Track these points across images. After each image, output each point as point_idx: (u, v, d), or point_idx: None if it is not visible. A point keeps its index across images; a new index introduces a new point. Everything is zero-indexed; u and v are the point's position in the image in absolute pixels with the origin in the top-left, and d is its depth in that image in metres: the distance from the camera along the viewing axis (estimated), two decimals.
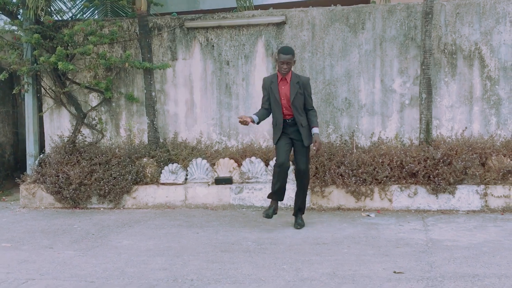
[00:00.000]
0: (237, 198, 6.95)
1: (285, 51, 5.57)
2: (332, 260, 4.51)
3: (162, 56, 7.93)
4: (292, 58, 5.57)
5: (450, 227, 5.63)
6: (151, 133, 7.59)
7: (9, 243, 5.45)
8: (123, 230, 5.88)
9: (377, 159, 6.66)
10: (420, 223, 5.85)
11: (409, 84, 7.30)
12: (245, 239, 5.32)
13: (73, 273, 4.32)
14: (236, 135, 7.80)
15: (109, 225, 6.19)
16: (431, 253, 4.66)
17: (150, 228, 5.94)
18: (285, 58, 5.53)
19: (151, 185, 7.22)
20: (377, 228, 5.65)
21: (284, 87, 5.63)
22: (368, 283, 3.91)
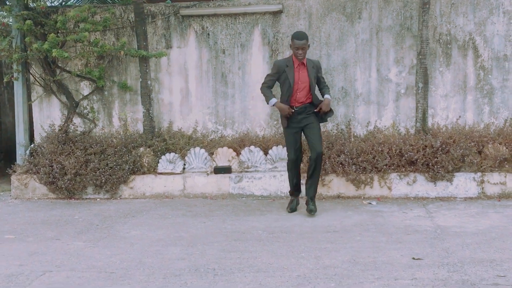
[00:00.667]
0: (237, 187, 6.94)
1: (300, 36, 5.65)
2: (348, 248, 4.55)
3: (156, 44, 7.81)
4: (307, 43, 5.65)
5: (452, 213, 5.75)
6: (147, 122, 7.49)
7: (12, 234, 5.31)
8: (127, 221, 5.80)
9: (376, 147, 6.73)
10: (423, 210, 5.96)
11: (405, 74, 7.39)
12: (255, 228, 5.32)
13: (90, 264, 4.24)
14: (232, 124, 7.77)
15: (111, 215, 6.10)
16: (443, 239, 4.75)
17: (154, 218, 5.87)
18: (300, 44, 5.60)
19: (149, 175, 7.13)
20: (382, 216, 5.72)
21: (302, 72, 5.72)
22: (391, 270, 3.97)
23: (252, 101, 7.70)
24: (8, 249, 4.76)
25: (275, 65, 5.83)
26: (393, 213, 5.86)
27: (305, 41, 5.61)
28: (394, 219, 5.57)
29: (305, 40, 5.60)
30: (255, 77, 7.65)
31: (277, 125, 7.64)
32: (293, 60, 5.73)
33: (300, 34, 5.70)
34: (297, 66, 5.70)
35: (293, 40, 5.65)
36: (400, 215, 5.75)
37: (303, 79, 5.70)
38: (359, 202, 6.49)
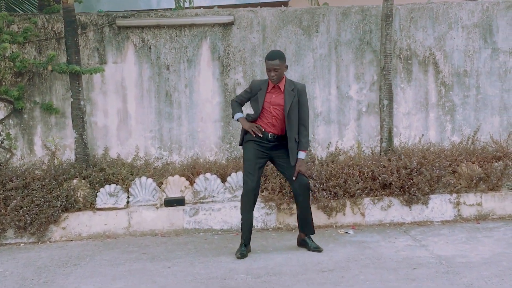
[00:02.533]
0: (192, 221, 6.01)
1: (271, 56, 4.85)
2: None
3: (88, 59, 6.74)
4: (282, 64, 4.83)
5: (441, 240, 5.25)
6: (80, 149, 6.36)
7: None
8: (70, 271, 4.68)
9: (346, 170, 6.14)
10: (408, 238, 5.41)
11: (366, 91, 6.93)
12: (235, 271, 4.46)
13: None
14: (179, 149, 6.85)
15: (46, 265, 4.93)
16: (457, 273, 4.19)
17: (103, 266, 4.81)
18: (271, 65, 4.80)
19: (85, 212, 6.00)
20: (370, 247, 5.09)
21: (276, 96, 4.90)
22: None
23: (201, 123, 6.85)
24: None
25: (251, 84, 5.07)
26: (378, 243, 5.25)
27: (278, 61, 4.78)
28: (385, 250, 4.96)
29: (277, 60, 4.78)
30: (204, 95, 6.83)
31: (230, 148, 6.85)
32: (268, 83, 4.94)
33: (271, 53, 4.91)
34: (270, 89, 4.92)
35: (265, 61, 4.87)
36: (388, 245, 5.16)
37: (275, 103, 4.89)
38: (334, 231, 5.82)
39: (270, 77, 4.83)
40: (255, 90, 4.94)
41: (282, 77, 4.88)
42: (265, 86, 4.91)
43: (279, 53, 4.92)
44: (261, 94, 4.89)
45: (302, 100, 4.93)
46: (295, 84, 4.96)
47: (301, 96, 4.92)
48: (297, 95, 4.88)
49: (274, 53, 4.91)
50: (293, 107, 4.85)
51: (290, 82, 4.96)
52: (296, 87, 4.92)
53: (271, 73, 4.82)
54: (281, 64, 4.80)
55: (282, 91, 4.88)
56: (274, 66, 4.79)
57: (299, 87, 4.95)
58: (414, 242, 5.23)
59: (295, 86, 4.93)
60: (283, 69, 4.84)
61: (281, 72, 4.84)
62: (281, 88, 4.89)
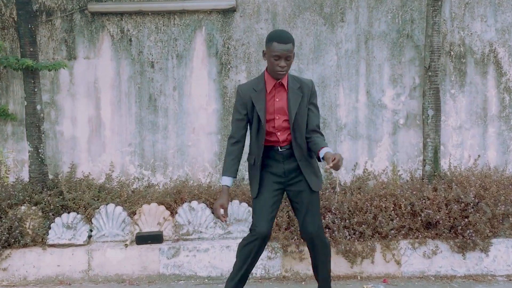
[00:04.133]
0: (171, 264, 4.56)
1: (283, 38, 3.18)
2: None
3: (54, 52, 5.42)
4: (293, 50, 3.23)
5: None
6: (35, 166, 5.01)
7: None
8: None
9: (377, 202, 4.61)
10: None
11: (405, 97, 5.38)
12: None
13: None
14: (165, 167, 5.44)
15: None
16: None
17: None
18: (283, 51, 3.16)
19: (33, 248, 4.61)
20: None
21: (280, 99, 3.34)
22: None
23: (193, 135, 5.42)
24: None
25: (238, 94, 3.40)
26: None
27: (291, 45, 3.19)
28: None
29: (290, 44, 3.19)
30: (198, 101, 5.40)
31: None
32: (265, 80, 3.35)
33: (282, 34, 3.22)
34: (271, 88, 3.34)
35: (270, 44, 3.19)
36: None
37: (282, 110, 3.35)
38: (358, 285, 4.29)
39: (278, 70, 3.21)
40: (247, 97, 3.34)
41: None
42: (261, 86, 3.34)
43: (290, 35, 3.25)
44: (261, 98, 3.31)
45: (313, 100, 3.40)
46: (301, 81, 3.39)
47: (312, 96, 3.39)
48: (305, 95, 3.35)
49: (285, 34, 3.23)
50: (301, 111, 3.32)
51: (293, 78, 3.40)
52: (303, 84, 3.37)
53: (280, 63, 3.19)
54: (293, 51, 3.23)
55: (286, 89, 3.34)
56: (287, 53, 3.18)
57: (308, 84, 3.39)
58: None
59: (302, 83, 3.37)
60: (293, 58, 3.27)
61: (291, 63, 3.27)
62: (284, 86, 3.35)
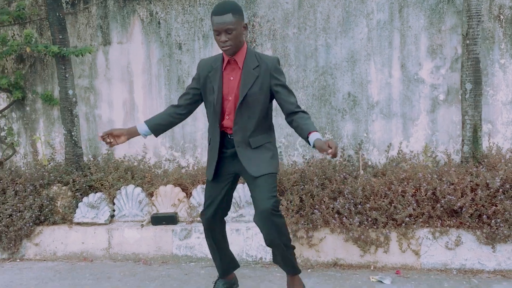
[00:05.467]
0: (183, 245, 4.58)
1: (219, 9, 2.95)
2: None
3: (91, 39, 5.64)
4: (238, 21, 2.95)
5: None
6: (69, 148, 5.30)
7: None
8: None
9: (395, 187, 4.21)
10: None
11: (445, 70, 4.83)
12: None
13: None
14: (193, 149, 5.46)
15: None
16: None
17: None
18: (220, 23, 2.93)
19: (61, 226, 4.90)
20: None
21: (234, 78, 3.11)
22: None
23: None
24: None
25: (197, 68, 3.26)
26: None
27: (230, 15, 2.92)
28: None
29: (229, 14, 2.92)
30: None
31: None
32: (223, 57, 3.15)
33: (219, 5, 2.99)
34: (225, 65, 3.13)
35: (211, 19, 3.01)
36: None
37: (232, 90, 3.12)
38: (365, 276, 3.98)
39: (221, 46, 3.00)
40: (204, 73, 3.18)
41: (240, 45, 3.06)
42: (218, 63, 3.16)
43: (232, 4, 2.99)
44: (216, 76, 3.13)
45: (277, 81, 3.06)
46: (262, 59, 3.09)
47: (274, 75, 3.06)
48: (262, 76, 3.05)
49: (224, 4, 2.98)
50: (254, 93, 3.06)
51: (252, 55, 3.10)
52: (262, 63, 3.06)
53: (221, 38, 2.97)
54: (236, 22, 2.95)
55: (240, 68, 3.09)
56: (225, 25, 2.93)
57: (268, 63, 3.07)
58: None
59: (261, 61, 3.07)
60: (240, 31, 2.99)
61: (238, 36, 2.99)
62: (238, 64, 3.10)
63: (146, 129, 3.25)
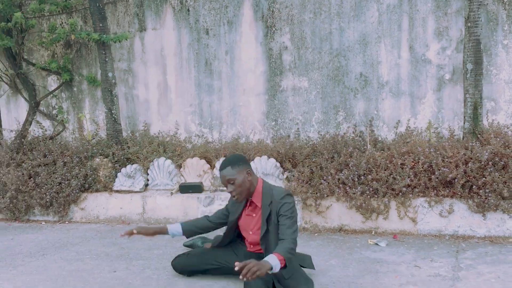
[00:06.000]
0: (207, 211, 5.16)
1: (222, 164, 3.34)
2: None
3: (129, 26, 6.24)
4: (239, 171, 3.28)
5: (496, 272, 3.53)
6: (110, 125, 5.95)
7: None
8: (24, 263, 4.28)
9: (395, 160, 4.61)
10: (450, 262, 3.78)
11: (451, 51, 5.13)
12: None
13: None
14: (220, 126, 5.99)
15: (21, 251, 4.63)
16: None
17: (63, 260, 4.30)
18: (222, 177, 3.32)
19: (103, 193, 5.59)
20: (377, 271, 3.66)
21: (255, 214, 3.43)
22: None
23: (244, 96, 5.86)
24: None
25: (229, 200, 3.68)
26: (398, 266, 3.76)
27: (229, 168, 3.28)
28: (391, 281, 3.48)
29: (228, 168, 3.28)
30: (246, 64, 5.81)
31: (276, 126, 5.74)
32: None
33: (222, 161, 3.37)
34: (246, 206, 3.48)
35: None
36: (407, 270, 3.65)
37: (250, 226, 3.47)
38: (364, 240, 4.43)
39: (231, 196, 3.38)
40: (229, 207, 3.61)
41: (250, 188, 3.34)
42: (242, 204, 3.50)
43: (231, 158, 3.36)
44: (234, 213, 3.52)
45: (282, 212, 3.24)
46: (273, 195, 3.32)
47: (281, 209, 3.25)
48: (273, 210, 3.29)
49: (227, 160, 3.34)
50: (272, 229, 3.30)
51: (267, 192, 3.35)
52: (273, 199, 3.30)
53: (228, 189, 3.34)
54: (236, 173, 3.27)
55: (260, 208, 3.37)
56: (225, 178, 3.29)
57: (276, 198, 3.29)
58: (449, 269, 3.61)
59: (273, 198, 3.31)
60: (243, 178, 3.29)
61: (242, 183, 3.29)
62: (257, 204, 3.38)
63: (179, 231, 3.64)
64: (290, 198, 3.31)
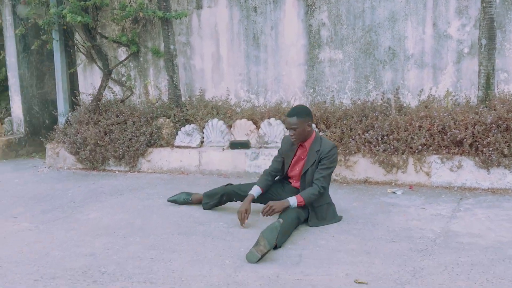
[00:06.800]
0: (253, 165, 6.11)
1: (290, 112, 4.16)
2: (293, 256, 3.56)
3: (187, 4, 7.15)
4: (302, 121, 4.08)
5: (488, 214, 4.32)
6: (171, 90, 6.94)
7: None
8: (107, 199, 5.37)
9: (414, 122, 5.39)
10: (452, 206, 4.59)
11: (470, 28, 5.79)
12: (219, 220, 4.51)
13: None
14: (265, 92, 6.88)
15: (103, 192, 5.73)
16: (430, 253, 3.50)
17: (137, 198, 5.36)
18: (287, 122, 4.15)
19: (166, 148, 6.62)
20: (390, 211, 4.52)
21: (303, 156, 4.28)
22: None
23: (286, 66, 6.70)
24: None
25: (282, 143, 4.50)
26: (408, 208, 4.60)
27: (295, 118, 4.07)
28: (400, 217, 4.34)
29: (294, 118, 4.07)
30: (289, 38, 6.63)
31: (314, 93, 6.58)
32: None
33: (291, 109, 4.19)
34: (298, 148, 4.31)
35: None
36: (415, 212, 4.49)
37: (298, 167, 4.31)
38: (385, 190, 5.27)
39: (291, 138, 4.22)
40: (284, 148, 4.39)
41: (306, 136, 4.19)
42: (295, 145, 4.31)
43: (299, 109, 4.17)
44: (291, 152, 4.33)
45: (324, 160, 4.11)
46: (322, 145, 4.16)
47: (323, 158, 4.11)
48: (318, 157, 4.13)
49: (294, 109, 4.18)
50: (312, 170, 4.16)
51: (317, 141, 4.19)
52: (321, 149, 4.14)
53: (289, 132, 4.18)
54: (299, 122, 4.08)
55: (307, 149, 4.23)
56: (290, 125, 4.11)
57: (324, 150, 4.13)
58: (450, 212, 4.43)
59: (321, 147, 4.15)
60: (303, 128, 4.11)
61: (301, 132, 4.13)
62: (306, 146, 4.24)
63: (259, 191, 4.32)
64: (335, 150, 4.18)
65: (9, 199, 5.59)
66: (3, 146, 8.12)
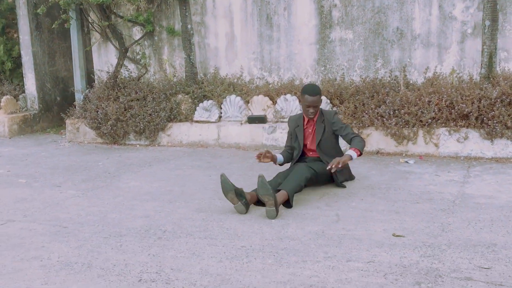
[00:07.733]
0: (270, 138, 6.51)
1: (312, 91, 4.56)
2: (331, 215, 4.00)
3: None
4: (321, 100, 4.66)
5: (496, 179, 4.81)
6: (188, 68, 7.27)
7: (26, 179, 5.51)
8: (139, 170, 5.73)
9: (423, 98, 5.83)
10: (462, 173, 5.08)
11: (473, 10, 6.22)
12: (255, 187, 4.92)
13: (55, 216, 4.21)
14: (278, 70, 7.25)
15: (132, 163, 6.08)
16: (453, 212, 3.97)
17: (167, 169, 5.73)
18: (311, 101, 4.54)
19: (185, 123, 6.97)
20: (407, 178, 4.98)
21: (310, 129, 4.74)
22: (353, 247, 3.38)
23: (298, 45, 7.07)
24: (6, 195, 4.91)
25: (288, 124, 4.93)
26: (423, 175, 5.07)
27: (319, 96, 4.57)
28: (418, 182, 4.81)
29: (318, 96, 4.56)
30: (301, 18, 6.99)
31: (325, 71, 6.98)
32: (303, 118, 4.77)
33: (311, 88, 4.61)
34: (306, 123, 4.76)
35: (303, 96, 4.59)
36: (430, 178, 4.96)
37: (309, 138, 4.76)
38: (397, 160, 5.73)
39: (308, 114, 4.63)
40: (292, 128, 4.83)
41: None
42: (301, 121, 4.78)
43: (317, 88, 4.63)
44: (299, 131, 4.76)
45: (335, 124, 4.66)
46: (324, 115, 4.71)
47: (333, 123, 4.66)
48: (327, 125, 4.67)
49: (315, 88, 4.61)
50: (325, 138, 4.69)
51: (320, 113, 4.72)
52: (325, 118, 4.69)
53: (309, 109, 4.59)
54: (320, 100, 4.63)
55: (315, 122, 4.72)
56: (314, 103, 4.56)
57: (327, 117, 4.69)
58: (462, 178, 4.91)
59: (324, 117, 4.70)
60: (320, 103, 4.65)
61: (318, 107, 4.65)
62: (314, 120, 4.73)
63: (282, 159, 4.80)
64: (337, 114, 4.77)
65: (44, 170, 5.91)
66: (20, 122, 8.37)
